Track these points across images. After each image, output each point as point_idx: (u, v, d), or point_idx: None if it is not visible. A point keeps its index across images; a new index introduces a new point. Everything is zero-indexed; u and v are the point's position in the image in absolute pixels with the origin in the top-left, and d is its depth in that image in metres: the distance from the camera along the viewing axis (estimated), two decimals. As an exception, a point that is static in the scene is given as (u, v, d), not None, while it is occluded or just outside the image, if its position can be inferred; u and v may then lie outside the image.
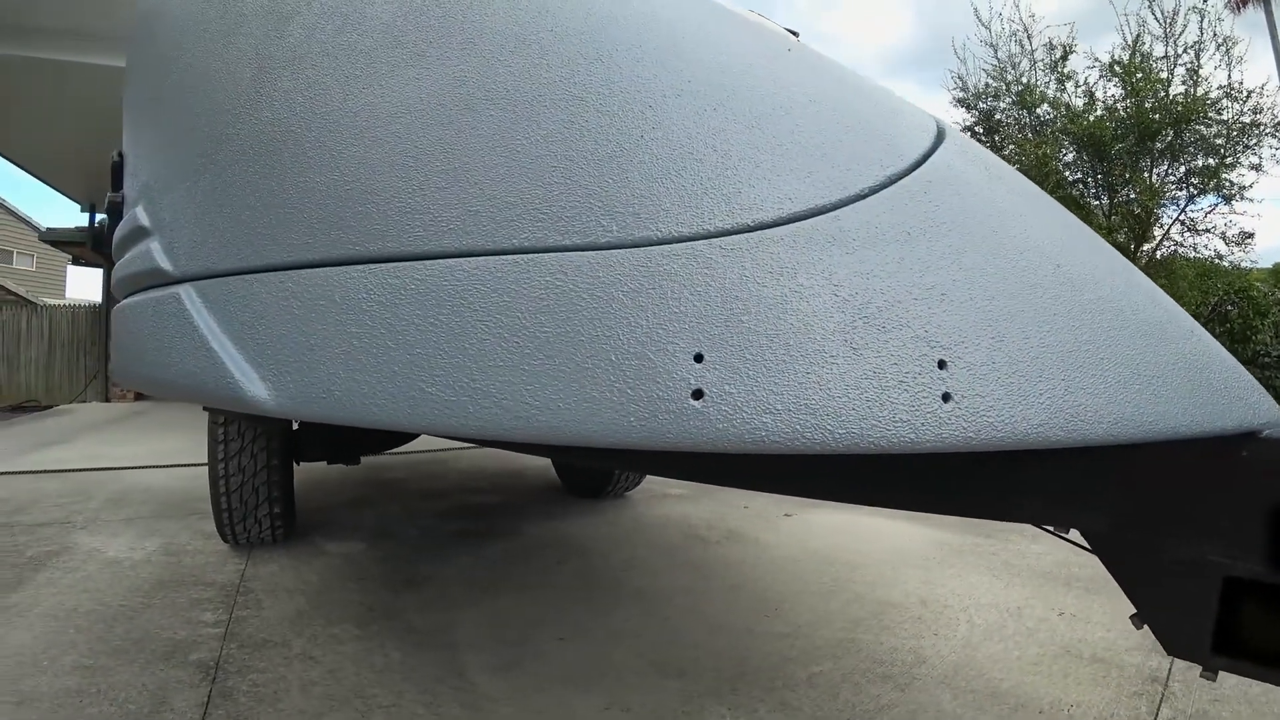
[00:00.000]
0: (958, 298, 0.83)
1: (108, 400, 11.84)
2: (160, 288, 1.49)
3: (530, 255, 0.90)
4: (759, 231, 0.84)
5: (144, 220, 1.64)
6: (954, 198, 0.92)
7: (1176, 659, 2.36)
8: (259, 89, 1.31)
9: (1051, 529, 1.21)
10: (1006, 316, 0.84)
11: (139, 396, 12.20)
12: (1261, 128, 10.91)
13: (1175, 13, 11.19)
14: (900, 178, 0.91)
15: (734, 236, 0.84)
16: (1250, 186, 11.51)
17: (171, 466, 5.82)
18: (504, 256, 0.92)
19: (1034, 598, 3.13)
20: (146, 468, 5.77)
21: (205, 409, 3.16)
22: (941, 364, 0.80)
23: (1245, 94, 10.90)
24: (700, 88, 0.96)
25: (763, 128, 0.92)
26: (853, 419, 0.78)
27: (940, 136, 1.03)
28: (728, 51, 1.06)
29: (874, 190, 0.88)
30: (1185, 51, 11.10)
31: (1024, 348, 0.83)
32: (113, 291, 2.24)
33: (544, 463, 5.81)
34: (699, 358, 0.79)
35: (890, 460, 0.94)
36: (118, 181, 2.18)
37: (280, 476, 3.38)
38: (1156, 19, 11.42)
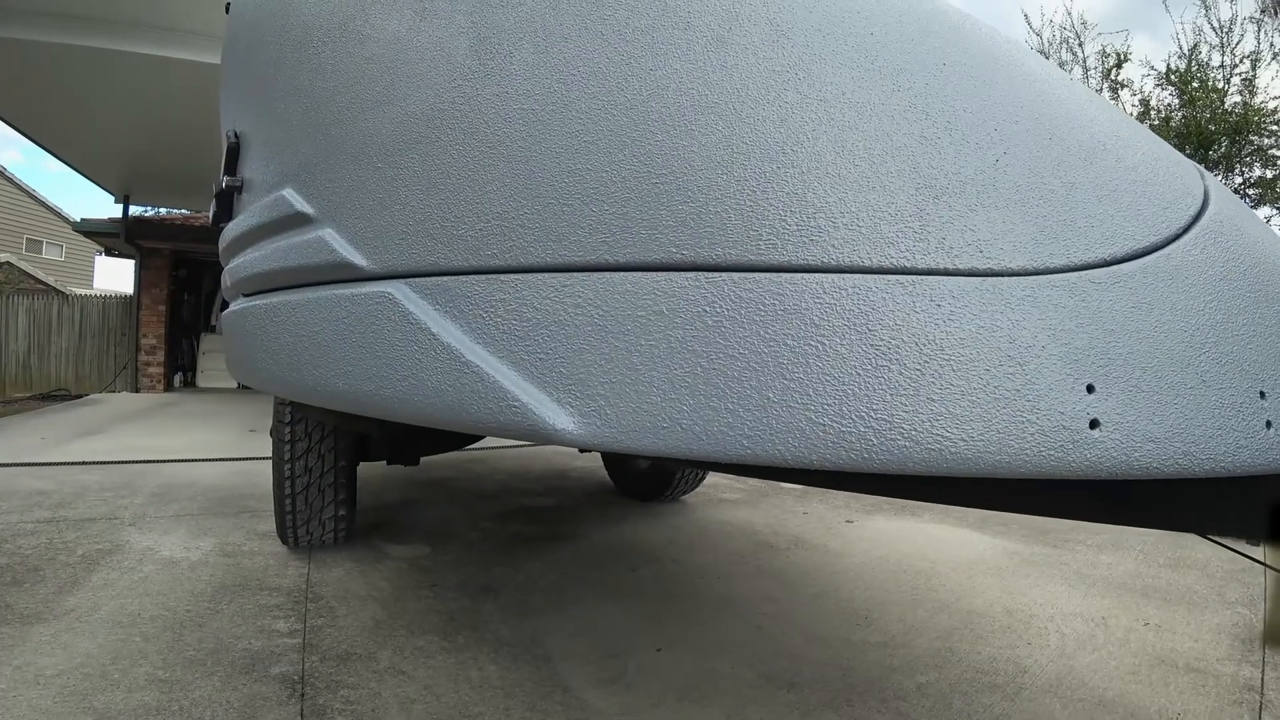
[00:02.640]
0: (1267, 334, 0.87)
1: (137, 390, 11.43)
2: (349, 284, 1.20)
3: (913, 277, 0.79)
4: (1115, 266, 0.82)
5: (301, 205, 1.35)
6: (1240, 236, 0.91)
7: (1274, 668, 2.27)
8: (484, 62, 1.03)
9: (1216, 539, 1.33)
10: None
11: (168, 387, 11.83)
12: None
13: (1232, 21, 10.83)
14: (1199, 218, 0.89)
15: (1098, 270, 0.81)
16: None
17: (213, 460, 5.52)
18: (885, 276, 0.79)
19: (1116, 608, 2.96)
20: (187, 461, 5.47)
21: (284, 403, 2.90)
22: (1262, 394, 0.83)
23: None
24: (1033, 114, 0.90)
25: (1094, 162, 0.88)
26: (1210, 445, 0.79)
27: (1202, 173, 1.00)
28: (1038, 76, 0.99)
29: (1185, 229, 0.87)
30: (1241, 61, 10.74)
31: None
32: (236, 285, 1.89)
33: (589, 464, 5.56)
34: (1090, 388, 0.77)
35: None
36: (232, 165, 1.89)
37: (347, 478, 3.10)
38: (1213, 27, 11.06)
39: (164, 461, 5.41)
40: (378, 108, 1.19)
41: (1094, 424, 0.75)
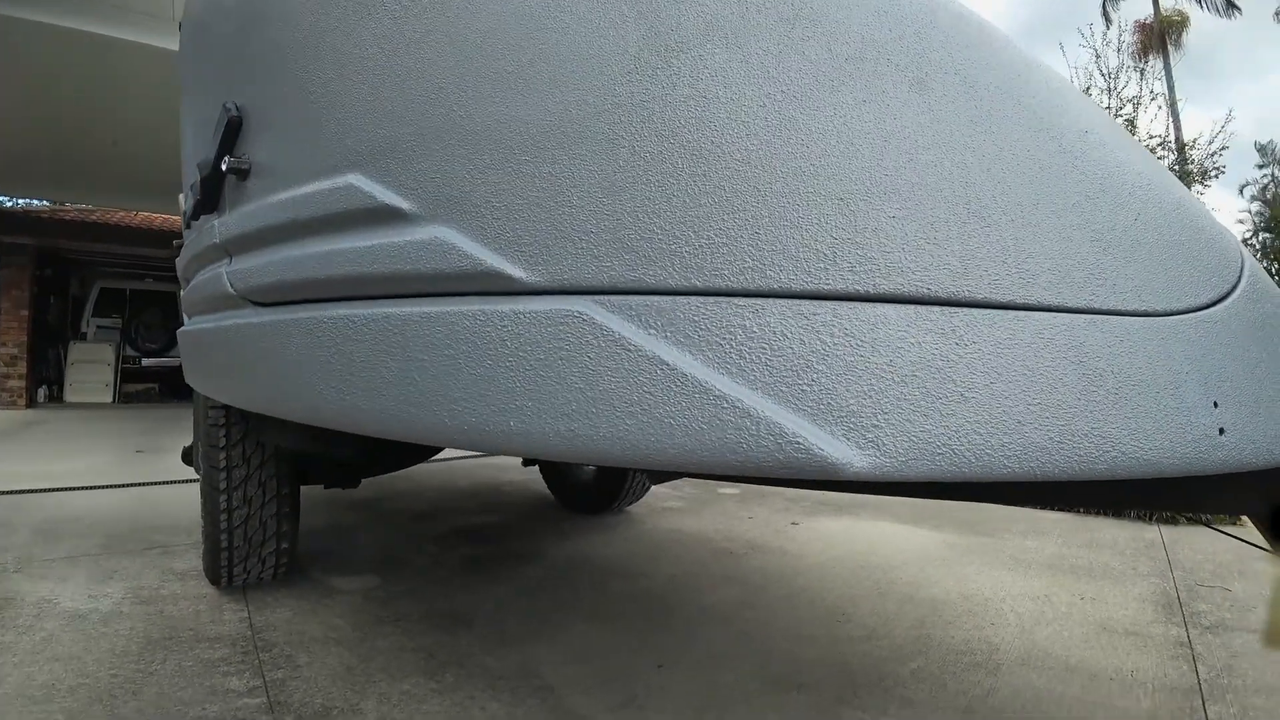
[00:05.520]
0: None
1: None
2: (501, 298, 0.97)
3: (1100, 316, 0.89)
4: (1214, 307, 0.96)
5: (386, 196, 1.07)
6: (1265, 278, 1.05)
7: (1193, 626, 2.50)
8: (668, 60, 0.91)
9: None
10: None
11: (31, 403, 10.27)
12: (1190, 176, 11.67)
13: (1119, 69, 11.91)
14: (1243, 269, 1.02)
15: (1208, 310, 0.95)
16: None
17: (102, 488, 4.79)
18: (1083, 315, 0.88)
19: (1054, 586, 3.09)
20: (71, 489, 4.71)
21: (219, 424, 2.47)
22: None
23: (1180, 146, 11.58)
24: (1149, 179, 1.00)
25: (1186, 221, 1.00)
26: (1260, 442, 0.93)
27: (1230, 232, 1.13)
28: (1137, 145, 1.09)
29: (1239, 278, 1.00)
30: (1125, 105, 11.72)
31: None
32: (251, 291, 1.48)
33: (521, 479, 5.26)
34: (1216, 404, 0.91)
35: None
36: (230, 144, 1.50)
37: (290, 506, 2.70)
38: (1102, 74, 12.08)
39: (42, 491, 4.65)
40: (515, 94, 0.97)
41: (1221, 431, 0.91)
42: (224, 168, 1.49)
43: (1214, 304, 0.96)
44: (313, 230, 1.26)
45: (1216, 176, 11.66)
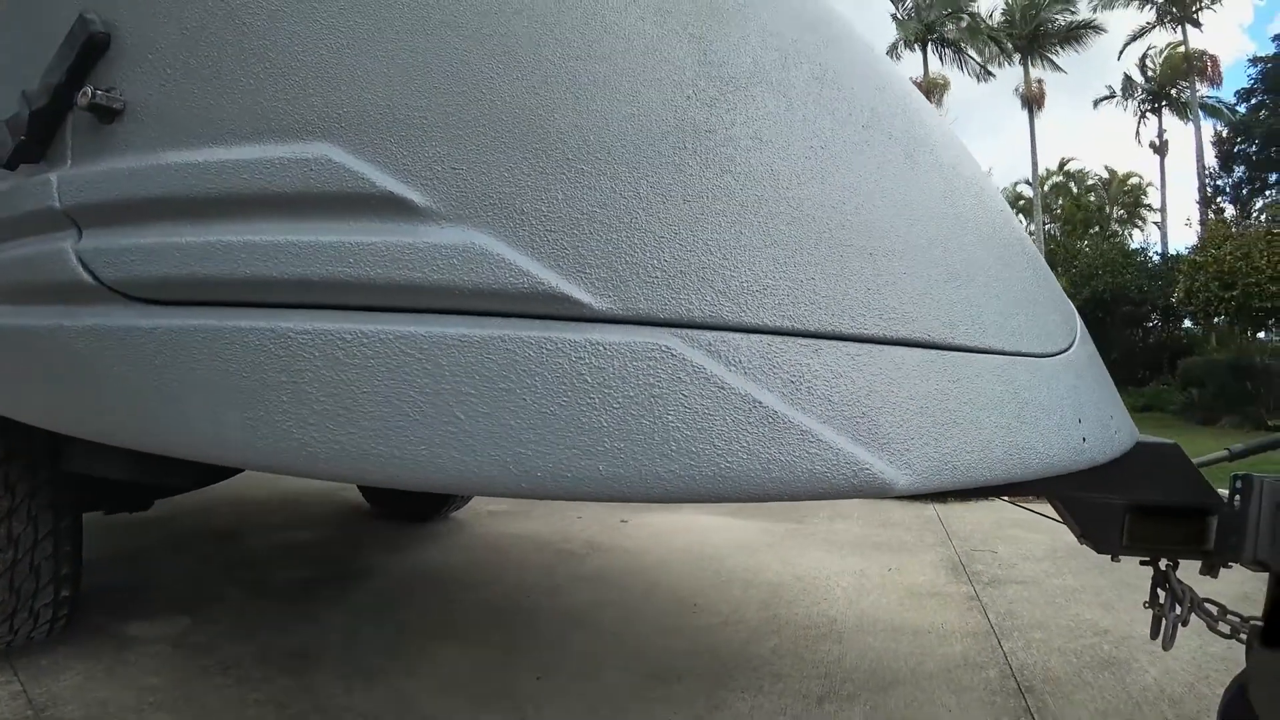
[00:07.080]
0: (1105, 390, 1.38)
1: None
2: (564, 323, 0.89)
3: (1010, 357, 1.12)
4: (1070, 350, 1.27)
5: (394, 187, 0.92)
6: (1088, 334, 1.42)
7: (977, 584, 3.03)
8: (725, 93, 0.96)
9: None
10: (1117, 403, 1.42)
11: None
12: None
13: None
14: (1077, 320, 1.37)
15: (1069, 352, 1.27)
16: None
17: None
18: (1000, 356, 1.11)
19: (865, 562, 3.50)
20: None
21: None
22: (1110, 417, 1.31)
23: None
24: (1028, 250, 1.33)
25: (1048, 278, 1.36)
26: (1101, 445, 1.24)
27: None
28: (1012, 216, 1.42)
29: (1079, 330, 1.35)
30: None
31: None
32: (135, 283, 1.12)
33: (323, 489, 4.78)
34: (1080, 420, 1.19)
35: None
36: (86, 68, 1.15)
37: (72, 542, 2.22)
38: None
39: None
40: (564, 91, 0.93)
41: (1084, 440, 1.19)
42: (79, 102, 1.16)
43: (1070, 347, 1.27)
44: (262, 211, 1.03)
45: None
